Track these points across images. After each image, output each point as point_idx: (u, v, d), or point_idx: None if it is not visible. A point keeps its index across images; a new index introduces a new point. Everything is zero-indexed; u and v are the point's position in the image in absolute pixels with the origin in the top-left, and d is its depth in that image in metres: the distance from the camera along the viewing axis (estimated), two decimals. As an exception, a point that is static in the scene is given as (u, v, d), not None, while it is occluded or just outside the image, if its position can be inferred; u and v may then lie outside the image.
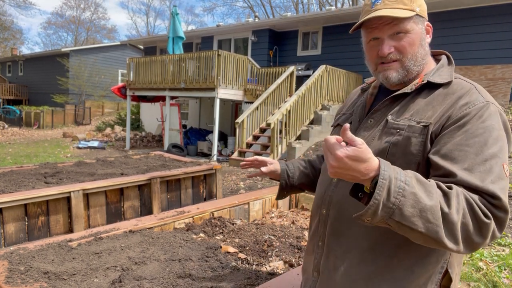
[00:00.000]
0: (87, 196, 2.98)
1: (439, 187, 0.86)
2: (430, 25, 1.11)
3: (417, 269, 1.00)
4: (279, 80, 9.66)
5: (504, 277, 2.89)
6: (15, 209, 2.61)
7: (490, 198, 0.85)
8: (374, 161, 0.84)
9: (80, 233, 2.02)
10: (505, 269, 3.01)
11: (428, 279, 1.00)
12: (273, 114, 9.09)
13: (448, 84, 1.04)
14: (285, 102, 9.29)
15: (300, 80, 10.85)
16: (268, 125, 8.63)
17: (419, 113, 1.02)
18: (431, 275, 1.01)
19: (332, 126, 1.36)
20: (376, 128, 1.08)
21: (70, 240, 1.88)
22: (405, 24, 1.04)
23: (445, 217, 0.81)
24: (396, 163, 0.92)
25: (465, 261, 3.13)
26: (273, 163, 1.45)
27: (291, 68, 10.05)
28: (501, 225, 0.85)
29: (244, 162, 1.52)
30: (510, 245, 3.43)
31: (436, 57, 1.16)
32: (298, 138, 9.12)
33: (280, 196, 1.47)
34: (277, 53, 12.85)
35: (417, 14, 1.06)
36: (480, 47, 9.16)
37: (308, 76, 10.57)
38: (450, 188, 0.85)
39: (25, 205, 2.66)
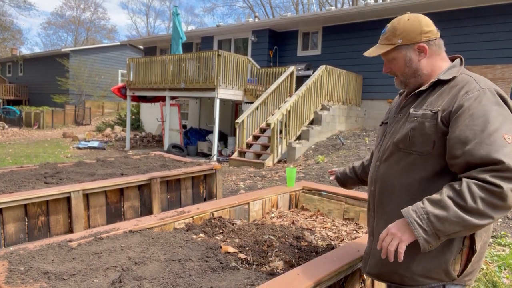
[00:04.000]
0: (87, 196, 2.98)
1: (452, 188, 1.19)
2: (423, 45, 1.41)
3: None
4: (279, 80, 9.65)
5: (504, 277, 2.89)
6: (15, 209, 2.61)
7: (497, 166, 1.12)
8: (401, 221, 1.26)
9: (80, 233, 2.02)
10: (505, 269, 3.01)
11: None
12: (273, 114, 9.09)
13: (453, 79, 1.36)
14: (285, 102, 9.29)
15: (300, 80, 10.84)
16: (268, 125, 8.64)
17: (432, 104, 1.34)
18: None
19: (379, 126, 1.75)
20: (403, 119, 1.43)
21: (70, 240, 1.88)
22: (389, 54, 1.45)
23: (465, 208, 1.13)
24: (416, 143, 1.33)
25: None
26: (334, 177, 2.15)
27: (291, 68, 10.05)
28: None
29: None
30: (510, 245, 3.42)
31: (453, 61, 1.47)
32: (298, 138, 9.12)
33: (344, 185, 2.09)
34: (277, 53, 12.85)
35: (399, 45, 1.41)
36: (480, 47, 9.16)
37: (308, 76, 10.56)
38: (461, 184, 1.16)
39: (25, 205, 2.66)
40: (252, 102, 10.18)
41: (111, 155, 9.93)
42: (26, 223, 2.69)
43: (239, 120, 9.00)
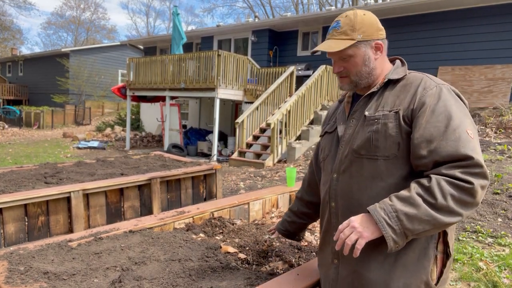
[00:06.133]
0: (87, 196, 2.98)
1: (420, 184, 1.12)
2: (380, 43, 1.33)
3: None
4: (279, 80, 9.65)
5: (504, 277, 2.89)
6: (15, 209, 2.61)
7: (466, 162, 1.09)
8: (365, 215, 1.17)
9: (80, 233, 2.02)
10: (505, 269, 3.01)
11: (429, 238, 1.23)
12: (273, 114, 9.09)
13: (404, 77, 1.31)
14: (285, 102, 9.29)
15: (300, 80, 10.84)
16: (268, 125, 8.63)
17: (388, 104, 1.27)
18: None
19: (320, 136, 1.60)
20: (358, 125, 1.33)
21: (70, 240, 1.88)
22: (347, 51, 1.30)
23: (435, 206, 1.08)
24: (380, 147, 1.23)
25: (465, 261, 3.13)
26: (274, 232, 1.92)
27: (291, 68, 10.04)
28: (485, 176, 1.09)
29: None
30: (510, 245, 3.42)
31: (392, 62, 1.41)
32: (298, 138, 9.11)
33: (293, 238, 1.90)
34: (277, 53, 12.85)
35: (359, 41, 1.29)
36: (480, 47, 9.16)
37: (308, 76, 10.56)
38: (430, 180, 1.11)
39: (25, 205, 2.66)
40: (252, 102, 10.17)
41: (111, 155, 9.92)
42: (26, 223, 2.69)
43: (239, 120, 9.00)
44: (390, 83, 1.32)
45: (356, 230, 1.13)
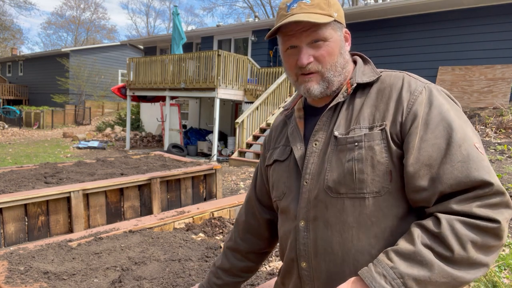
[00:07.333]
0: (87, 196, 2.98)
1: (426, 230, 0.80)
2: (349, 32, 1.04)
3: None
4: (279, 80, 9.66)
5: (504, 277, 2.89)
6: (15, 209, 2.61)
7: (483, 190, 0.78)
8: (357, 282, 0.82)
9: (80, 233, 2.02)
10: (505, 269, 3.01)
11: None
12: (273, 114, 9.09)
13: (378, 80, 0.98)
14: (285, 102, 9.29)
15: (300, 80, 10.84)
16: (268, 125, 8.64)
17: (365, 118, 0.93)
18: None
19: (267, 166, 1.16)
20: (327, 150, 0.96)
21: (70, 240, 1.88)
22: (324, 31, 0.94)
23: (452, 261, 0.77)
24: (367, 180, 0.89)
25: (465, 261, 3.13)
26: None
27: (291, 68, 10.05)
28: (508, 205, 0.79)
29: None
30: (510, 245, 3.42)
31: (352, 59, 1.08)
32: (298, 138, 9.12)
33: None
34: (277, 53, 12.85)
35: (335, 20, 0.96)
36: (480, 47, 9.16)
37: (308, 76, 10.55)
38: (438, 223, 0.79)
39: (25, 205, 2.67)
40: (252, 102, 10.18)
41: (111, 155, 9.93)
42: (26, 223, 2.69)
43: (239, 120, 9.01)
44: (359, 89, 0.98)
45: None
